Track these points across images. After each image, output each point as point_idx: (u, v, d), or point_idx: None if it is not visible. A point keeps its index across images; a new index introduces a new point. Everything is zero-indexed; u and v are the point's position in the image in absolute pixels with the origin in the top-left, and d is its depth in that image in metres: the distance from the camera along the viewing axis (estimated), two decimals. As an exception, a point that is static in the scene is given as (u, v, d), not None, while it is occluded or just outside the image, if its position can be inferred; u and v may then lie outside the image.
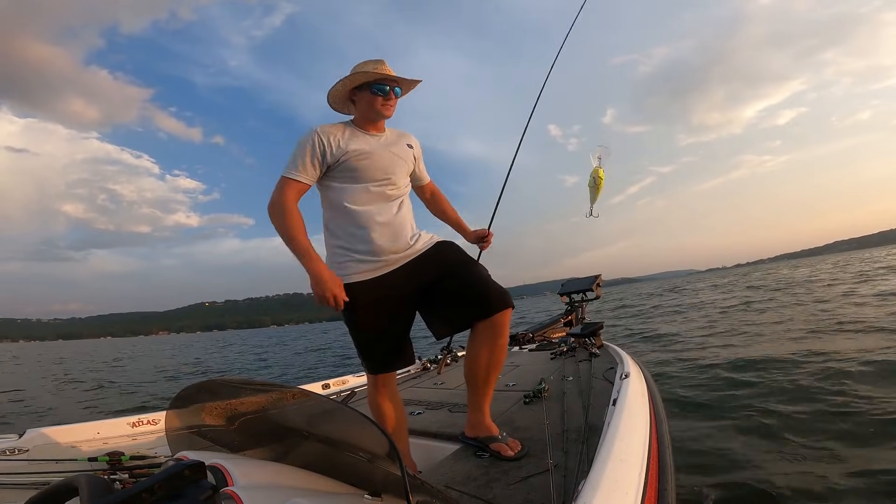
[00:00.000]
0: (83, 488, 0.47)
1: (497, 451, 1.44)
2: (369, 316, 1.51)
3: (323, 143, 1.44)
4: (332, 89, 1.55)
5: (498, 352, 1.47)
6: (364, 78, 1.47)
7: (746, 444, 2.53)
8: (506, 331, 1.47)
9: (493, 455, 1.44)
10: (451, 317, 1.51)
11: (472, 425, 1.56)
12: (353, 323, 1.52)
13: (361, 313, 1.50)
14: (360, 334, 1.54)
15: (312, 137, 1.44)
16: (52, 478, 1.36)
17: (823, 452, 2.30)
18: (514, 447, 1.43)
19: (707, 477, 2.21)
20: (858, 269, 20.23)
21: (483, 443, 1.51)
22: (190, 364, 14.61)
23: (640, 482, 0.83)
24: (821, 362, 4.08)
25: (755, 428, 2.74)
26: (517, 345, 4.15)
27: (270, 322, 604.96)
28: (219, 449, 1.03)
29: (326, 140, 1.44)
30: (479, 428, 1.54)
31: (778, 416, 2.88)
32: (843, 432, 2.50)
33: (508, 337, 1.54)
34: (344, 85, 1.51)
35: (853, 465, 2.13)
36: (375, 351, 1.56)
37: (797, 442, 2.45)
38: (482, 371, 1.48)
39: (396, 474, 0.60)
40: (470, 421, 1.57)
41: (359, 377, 2.95)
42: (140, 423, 1.89)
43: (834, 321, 6.34)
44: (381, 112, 1.51)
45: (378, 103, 1.49)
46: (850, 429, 2.54)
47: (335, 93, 1.56)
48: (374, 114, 1.51)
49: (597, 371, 2.20)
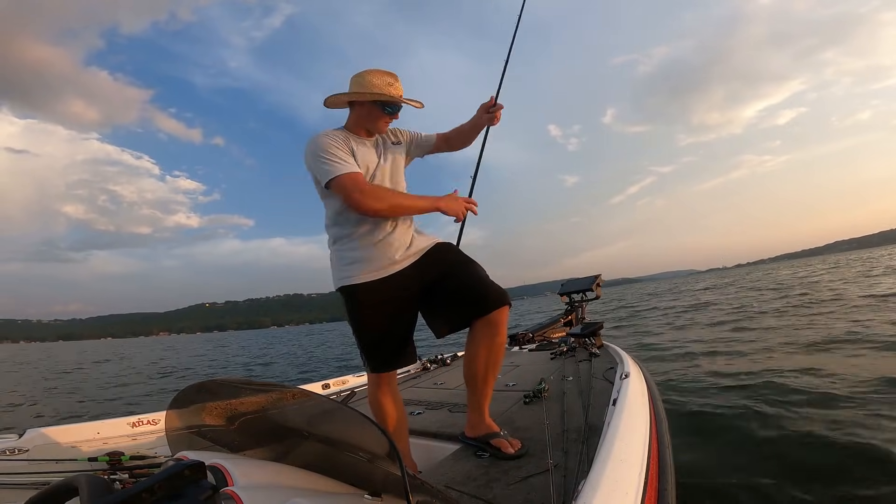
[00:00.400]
0: (83, 488, 0.46)
1: (498, 447, 1.46)
2: (376, 316, 1.53)
3: (340, 141, 1.48)
4: (339, 97, 1.57)
5: (496, 350, 1.48)
6: (382, 98, 1.50)
7: (747, 444, 2.53)
8: (503, 329, 1.48)
9: (493, 453, 1.45)
10: (451, 315, 1.52)
11: (473, 425, 1.58)
12: (359, 323, 1.54)
13: (367, 313, 1.52)
14: (364, 334, 1.55)
15: (330, 139, 1.47)
16: (52, 478, 1.36)
17: (824, 452, 2.30)
18: (515, 445, 1.45)
19: (707, 477, 2.21)
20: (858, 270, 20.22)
21: (484, 440, 1.53)
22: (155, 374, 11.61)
23: (640, 482, 0.83)
24: (825, 366, 4.08)
25: (755, 427, 2.74)
26: (517, 345, 4.15)
27: (271, 323, 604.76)
28: (219, 449, 1.03)
29: (342, 142, 1.48)
30: (480, 427, 1.56)
31: (778, 417, 2.88)
32: (842, 432, 2.50)
33: (506, 336, 1.56)
34: (361, 96, 1.52)
35: (854, 468, 2.13)
36: (380, 350, 1.57)
37: (798, 441, 2.46)
38: (481, 370, 1.50)
39: (396, 474, 0.60)
40: (470, 421, 1.59)
41: (359, 377, 2.96)
42: (140, 423, 1.89)
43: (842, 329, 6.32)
44: (382, 128, 1.58)
45: (384, 121, 1.55)
46: (849, 428, 2.54)
47: (339, 100, 1.58)
48: (374, 127, 1.57)
49: (597, 371, 2.20)
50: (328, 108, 1.62)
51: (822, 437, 2.46)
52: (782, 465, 2.24)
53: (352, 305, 1.51)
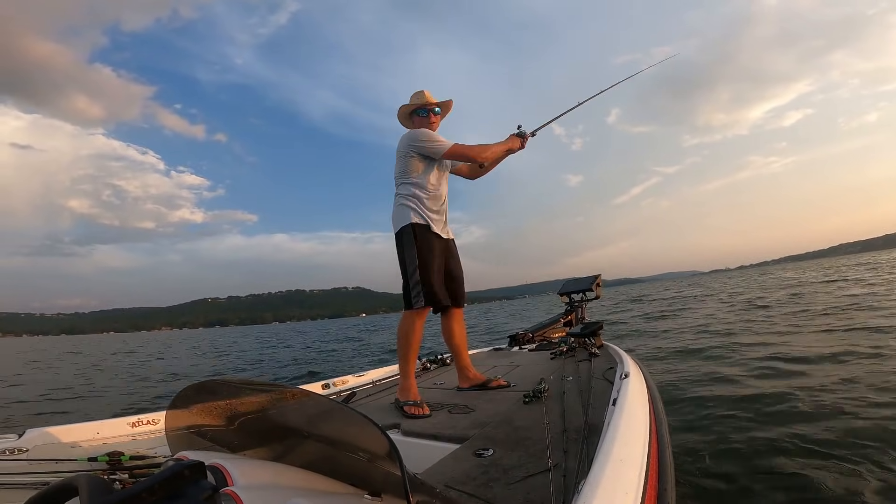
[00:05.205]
0: (83, 488, 0.46)
1: (496, 385, 2.21)
2: (431, 259, 2.12)
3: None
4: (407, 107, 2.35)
5: (464, 327, 2.40)
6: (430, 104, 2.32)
7: (747, 443, 2.53)
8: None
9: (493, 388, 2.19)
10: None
11: (466, 378, 2.30)
12: (421, 260, 2.09)
13: (426, 254, 2.11)
14: (423, 270, 2.08)
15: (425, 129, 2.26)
16: (52, 478, 1.36)
17: (825, 453, 2.30)
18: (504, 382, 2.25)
19: (707, 477, 2.21)
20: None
21: (481, 385, 2.23)
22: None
23: (640, 482, 0.83)
24: (829, 369, 4.08)
25: (755, 428, 2.74)
26: (517, 345, 4.14)
27: (272, 318, 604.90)
28: (219, 449, 1.03)
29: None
30: (473, 379, 2.27)
31: (778, 418, 2.88)
32: (844, 433, 2.50)
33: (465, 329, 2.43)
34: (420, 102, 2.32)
35: (854, 469, 2.13)
36: (434, 284, 2.10)
37: (800, 441, 2.46)
38: (461, 341, 2.34)
39: (396, 474, 0.60)
40: (463, 375, 2.31)
41: (359, 377, 2.95)
42: (140, 423, 1.89)
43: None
44: (436, 127, 2.38)
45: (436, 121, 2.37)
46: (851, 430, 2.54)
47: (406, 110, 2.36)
48: (432, 127, 2.34)
49: (597, 371, 2.19)
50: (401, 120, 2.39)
51: (822, 437, 2.47)
52: (783, 465, 2.24)
53: (415, 242, 2.10)
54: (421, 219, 2.14)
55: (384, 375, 3.08)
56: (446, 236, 2.26)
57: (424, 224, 2.14)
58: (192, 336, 73.28)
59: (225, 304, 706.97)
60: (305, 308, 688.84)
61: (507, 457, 1.28)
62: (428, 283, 2.09)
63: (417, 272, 2.08)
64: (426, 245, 2.12)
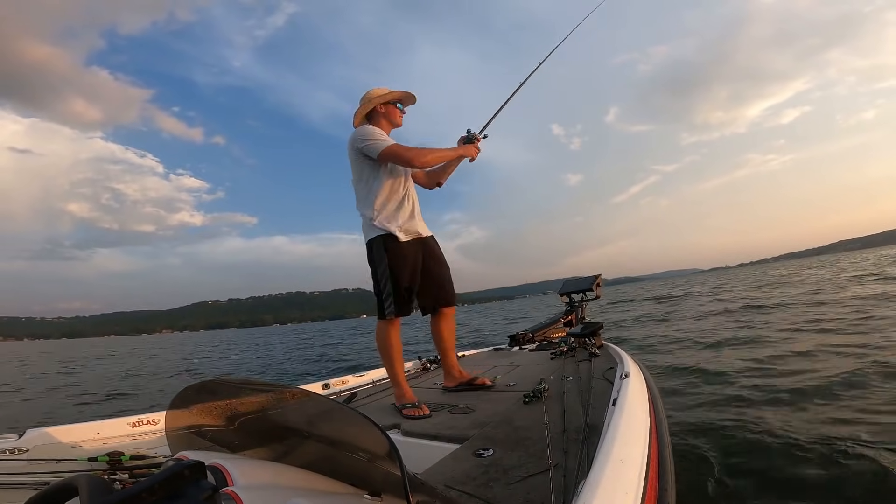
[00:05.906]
0: (83, 488, 0.46)
1: (482, 384, 2.18)
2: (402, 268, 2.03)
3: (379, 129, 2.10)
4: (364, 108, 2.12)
5: (454, 329, 2.31)
6: (392, 97, 2.15)
7: (747, 443, 2.53)
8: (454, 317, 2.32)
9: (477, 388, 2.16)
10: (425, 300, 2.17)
11: (452, 377, 2.27)
12: (391, 270, 2.02)
13: (397, 263, 2.02)
14: (394, 281, 2.02)
15: (371, 126, 2.06)
16: (52, 478, 1.36)
17: (825, 453, 2.30)
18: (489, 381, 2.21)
19: (707, 477, 2.21)
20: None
21: (466, 384, 2.19)
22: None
23: (640, 482, 0.83)
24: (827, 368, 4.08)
25: (756, 428, 2.74)
26: (517, 345, 4.14)
27: (273, 320, 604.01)
28: (219, 449, 1.03)
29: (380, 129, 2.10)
30: (458, 378, 2.24)
31: (778, 418, 2.88)
32: (843, 435, 2.50)
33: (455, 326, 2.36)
34: (383, 97, 2.13)
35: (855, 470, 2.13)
36: (405, 293, 2.04)
37: (800, 442, 2.45)
38: (450, 342, 2.28)
39: (396, 474, 0.60)
40: (449, 374, 2.28)
41: (359, 377, 2.95)
42: (140, 423, 1.89)
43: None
44: (400, 122, 2.23)
45: (400, 115, 2.22)
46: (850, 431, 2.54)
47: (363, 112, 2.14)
48: (396, 122, 2.20)
49: (597, 371, 2.19)
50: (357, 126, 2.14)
51: (821, 437, 2.47)
52: (783, 465, 2.24)
53: (385, 254, 2.01)
54: (386, 229, 2.02)
55: (384, 375, 3.07)
56: (422, 234, 2.13)
57: (391, 234, 2.02)
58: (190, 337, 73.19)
59: (225, 306, 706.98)
60: (306, 310, 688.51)
61: (507, 457, 1.28)
62: (398, 294, 2.02)
63: (388, 283, 2.02)
64: (395, 254, 2.02)
